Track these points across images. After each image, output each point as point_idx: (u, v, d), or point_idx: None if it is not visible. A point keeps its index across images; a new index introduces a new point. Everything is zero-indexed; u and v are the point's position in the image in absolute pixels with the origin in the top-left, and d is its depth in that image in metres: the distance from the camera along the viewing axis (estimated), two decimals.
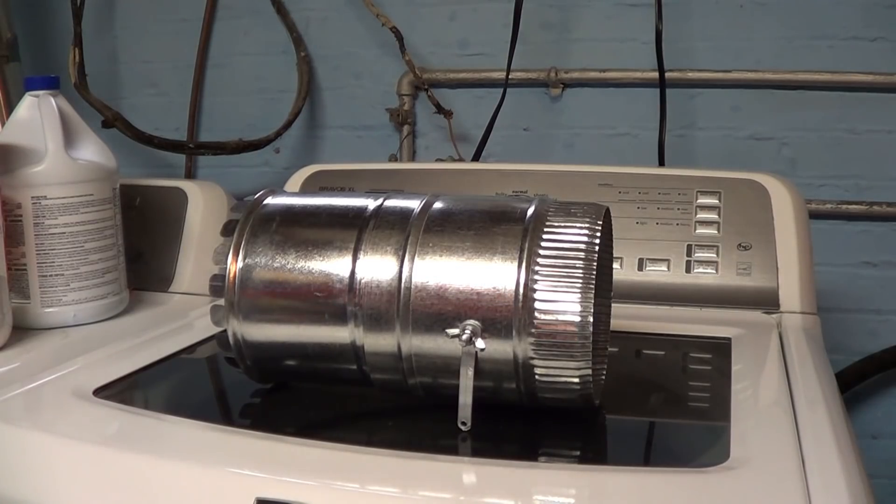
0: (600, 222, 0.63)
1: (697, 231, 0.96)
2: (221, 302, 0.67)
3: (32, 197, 0.86)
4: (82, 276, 0.89)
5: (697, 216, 0.97)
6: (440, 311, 0.61)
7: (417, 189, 0.80)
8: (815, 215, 1.14)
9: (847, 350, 1.32)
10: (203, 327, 0.84)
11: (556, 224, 0.62)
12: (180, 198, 1.05)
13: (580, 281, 0.60)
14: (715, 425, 0.65)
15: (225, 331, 0.67)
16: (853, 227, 1.30)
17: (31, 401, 0.70)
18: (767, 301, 0.92)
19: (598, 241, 0.61)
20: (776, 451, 0.57)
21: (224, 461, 0.58)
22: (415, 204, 0.66)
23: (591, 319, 0.59)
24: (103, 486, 0.57)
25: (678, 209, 0.97)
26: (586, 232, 0.61)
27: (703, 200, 0.98)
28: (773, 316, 0.91)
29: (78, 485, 0.58)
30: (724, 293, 0.93)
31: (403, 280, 0.62)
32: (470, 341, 0.60)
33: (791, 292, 0.92)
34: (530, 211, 0.63)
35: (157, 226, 1.04)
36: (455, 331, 0.60)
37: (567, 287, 0.59)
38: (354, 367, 0.65)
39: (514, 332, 0.60)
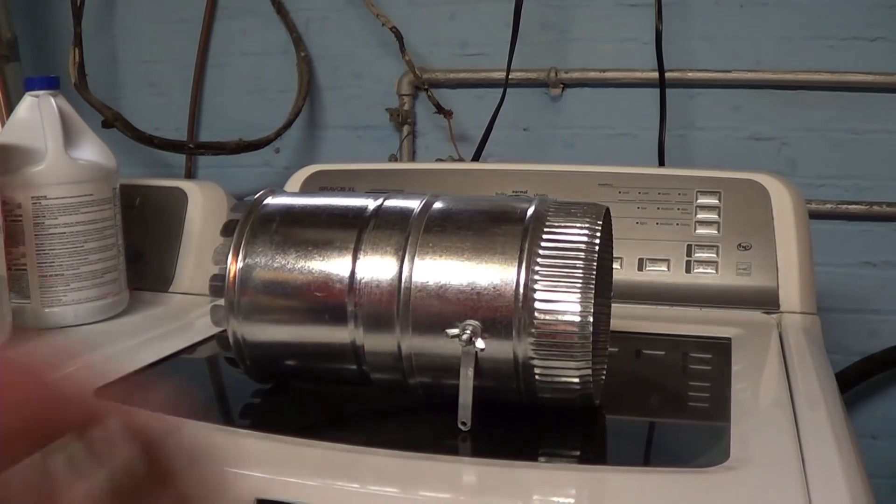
0: (600, 222, 0.63)
1: (697, 231, 0.96)
2: (221, 302, 0.67)
3: (32, 197, 0.86)
4: (82, 276, 0.89)
5: (697, 216, 0.97)
6: (440, 311, 0.61)
7: (417, 189, 0.80)
8: (815, 215, 1.14)
9: (847, 350, 1.31)
10: (203, 327, 0.84)
11: (556, 224, 0.62)
12: (180, 198, 1.05)
13: (580, 281, 0.60)
14: (715, 425, 0.65)
15: (225, 331, 0.67)
16: (853, 227, 1.30)
17: None
18: (767, 301, 0.92)
19: (598, 240, 0.61)
20: (776, 451, 0.57)
21: (224, 461, 0.58)
22: (415, 204, 0.66)
23: (591, 319, 0.59)
24: None
25: (678, 209, 0.97)
26: (586, 232, 0.61)
27: (703, 200, 0.98)
28: (773, 316, 0.91)
29: None
30: (724, 293, 0.93)
31: (403, 280, 0.62)
32: (470, 341, 0.60)
33: (791, 292, 0.92)
34: (530, 211, 0.63)
35: (157, 226, 1.04)
36: (455, 331, 0.60)
37: (567, 287, 0.59)
38: (354, 367, 0.65)
39: (514, 332, 0.60)
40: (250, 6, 1.46)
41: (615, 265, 0.94)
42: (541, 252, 0.61)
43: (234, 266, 0.66)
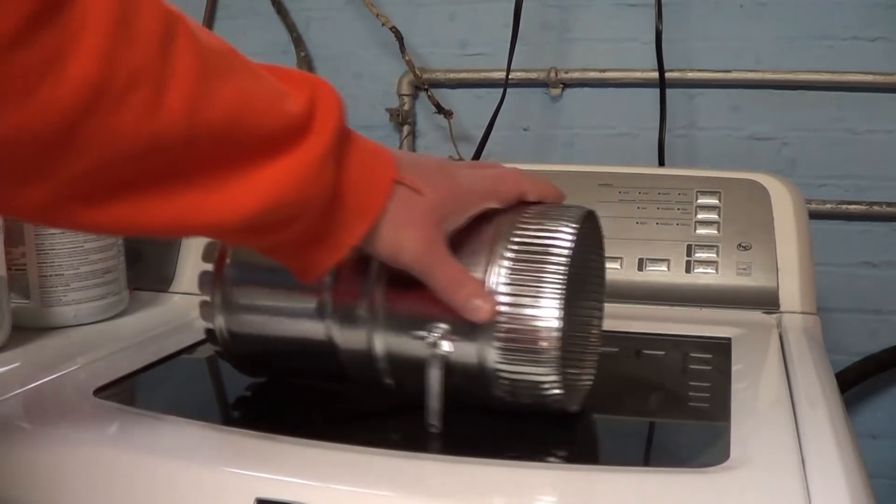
0: (576, 225, 0.61)
1: (697, 231, 0.96)
2: (209, 298, 0.68)
3: None
4: (82, 276, 0.89)
5: (697, 216, 0.97)
6: (410, 312, 0.60)
7: None
8: (815, 215, 1.14)
9: (847, 350, 1.32)
10: (203, 327, 0.84)
11: (528, 228, 0.60)
12: None
13: (549, 285, 0.58)
14: (715, 425, 0.65)
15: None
16: (853, 227, 1.30)
17: (31, 401, 0.70)
18: (767, 301, 0.92)
19: (570, 244, 0.59)
20: (776, 451, 0.57)
21: (224, 461, 0.58)
22: None
23: (559, 325, 0.58)
24: (103, 485, 0.57)
25: (678, 209, 0.97)
26: (559, 235, 0.60)
27: (703, 200, 0.98)
28: (773, 316, 0.91)
29: (78, 485, 0.58)
30: (724, 293, 0.93)
31: (376, 277, 0.61)
32: (436, 344, 0.59)
33: (791, 292, 0.92)
34: (508, 212, 0.63)
35: None
36: (422, 332, 0.59)
37: (535, 292, 0.58)
38: (333, 364, 0.65)
39: (480, 336, 0.59)
40: (250, 6, 1.46)
41: (615, 265, 0.94)
42: (507, 255, 0.59)
43: (222, 263, 0.67)
